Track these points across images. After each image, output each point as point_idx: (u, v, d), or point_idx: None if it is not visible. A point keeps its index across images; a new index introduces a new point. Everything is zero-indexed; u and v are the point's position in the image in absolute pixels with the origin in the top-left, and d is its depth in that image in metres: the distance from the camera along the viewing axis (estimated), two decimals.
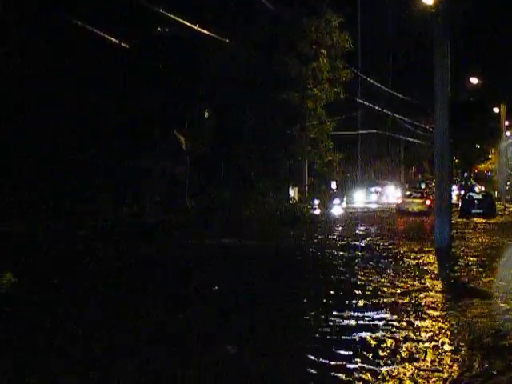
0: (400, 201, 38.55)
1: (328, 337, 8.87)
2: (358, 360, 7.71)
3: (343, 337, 8.86)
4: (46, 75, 27.13)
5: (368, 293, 12.04)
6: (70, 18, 26.24)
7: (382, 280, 13.57)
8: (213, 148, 35.38)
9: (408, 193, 39.69)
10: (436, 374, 7.25)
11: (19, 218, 23.36)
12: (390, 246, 20.37)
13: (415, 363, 7.59)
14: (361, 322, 9.69)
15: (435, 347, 8.27)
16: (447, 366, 7.50)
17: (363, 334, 8.90)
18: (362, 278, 13.74)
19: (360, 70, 41.54)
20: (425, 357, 7.84)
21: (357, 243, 21.25)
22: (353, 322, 9.66)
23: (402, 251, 18.91)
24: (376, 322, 9.63)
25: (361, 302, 11.12)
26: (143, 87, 31.95)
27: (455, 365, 7.59)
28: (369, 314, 10.18)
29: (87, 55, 28.29)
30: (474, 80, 52.10)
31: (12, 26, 25.90)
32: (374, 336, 8.82)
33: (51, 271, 14.63)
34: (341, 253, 18.52)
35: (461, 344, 8.42)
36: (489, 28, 52.50)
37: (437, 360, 7.72)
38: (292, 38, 35.54)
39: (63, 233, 22.43)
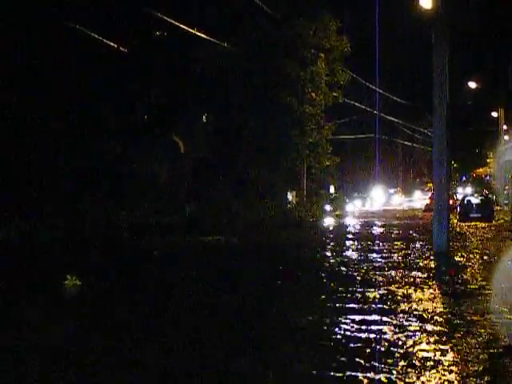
0: (429, 201, 47.23)
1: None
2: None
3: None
4: (43, 78, 27.12)
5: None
6: (68, 21, 26.24)
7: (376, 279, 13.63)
8: (211, 151, 35.37)
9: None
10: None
11: (19, 221, 23.33)
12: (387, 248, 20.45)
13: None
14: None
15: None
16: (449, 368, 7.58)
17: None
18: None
19: (358, 73, 41.48)
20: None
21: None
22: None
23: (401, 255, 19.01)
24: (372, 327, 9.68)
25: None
26: (141, 90, 31.93)
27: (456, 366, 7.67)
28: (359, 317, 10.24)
29: (85, 58, 28.27)
30: (472, 84, 52.13)
31: (10, 28, 25.89)
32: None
33: (102, 272, 15.46)
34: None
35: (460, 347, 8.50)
36: (487, 31, 52.54)
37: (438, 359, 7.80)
38: (290, 42, 35.54)
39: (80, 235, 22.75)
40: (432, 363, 7.66)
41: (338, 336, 8.97)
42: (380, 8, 59.22)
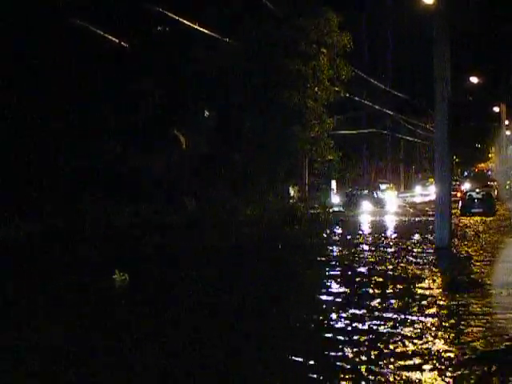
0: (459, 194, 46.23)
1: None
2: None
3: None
4: (43, 78, 27.06)
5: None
6: (70, 18, 26.18)
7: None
8: (212, 148, 35.31)
9: None
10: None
11: (19, 221, 23.27)
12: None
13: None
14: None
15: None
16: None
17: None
18: None
19: (360, 68, 41.37)
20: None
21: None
22: None
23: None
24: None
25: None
26: (141, 89, 31.87)
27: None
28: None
29: (85, 58, 28.21)
30: (474, 79, 52.04)
31: (10, 25, 25.84)
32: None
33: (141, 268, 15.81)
34: None
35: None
36: (489, 27, 52.44)
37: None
38: (292, 37, 35.46)
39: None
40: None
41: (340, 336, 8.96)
42: (382, 4, 59.34)
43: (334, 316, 10.09)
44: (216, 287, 13.29)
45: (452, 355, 7.81)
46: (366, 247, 20.19)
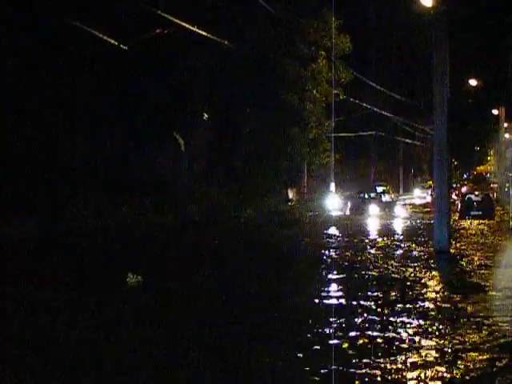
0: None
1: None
2: None
3: None
4: (43, 77, 27.07)
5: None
6: (70, 19, 26.18)
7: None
8: (212, 149, 35.35)
9: None
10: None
11: (19, 219, 23.25)
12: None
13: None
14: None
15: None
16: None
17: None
18: None
19: (359, 71, 41.39)
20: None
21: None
22: None
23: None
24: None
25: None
26: (142, 89, 31.88)
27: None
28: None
29: (84, 57, 28.21)
30: (473, 82, 52.04)
31: (10, 25, 25.86)
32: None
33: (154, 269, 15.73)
34: None
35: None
36: (488, 29, 52.43)
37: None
38: (291, 40, 35.50)
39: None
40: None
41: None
42: (380, 5, 59.38)
43: (332, 321, 10.07)
44: (222, 291, 13.19)
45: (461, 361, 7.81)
46: (364, 249, 20.14)
